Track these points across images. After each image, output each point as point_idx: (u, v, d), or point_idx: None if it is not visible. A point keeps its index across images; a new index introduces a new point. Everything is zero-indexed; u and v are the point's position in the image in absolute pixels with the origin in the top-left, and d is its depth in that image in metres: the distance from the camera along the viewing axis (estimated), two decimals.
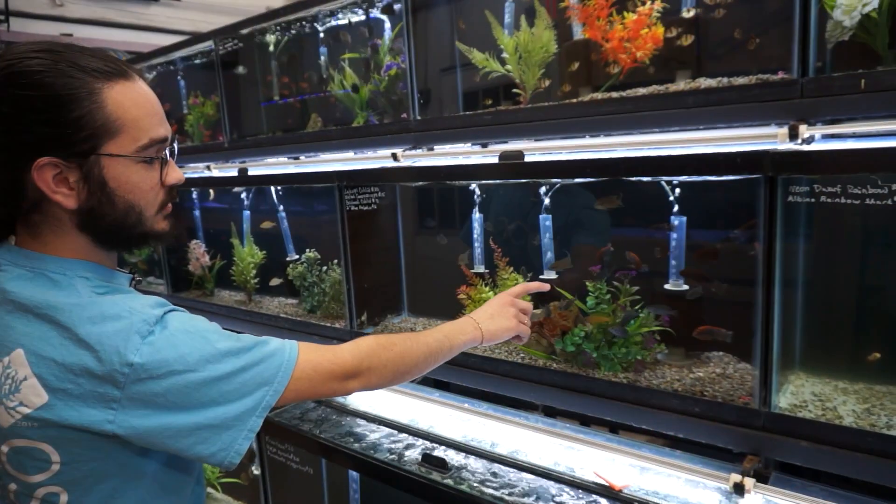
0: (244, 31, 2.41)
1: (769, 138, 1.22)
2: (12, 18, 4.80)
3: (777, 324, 1.18)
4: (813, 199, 1.15)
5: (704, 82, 1.37)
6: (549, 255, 1.68)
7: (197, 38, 2.58)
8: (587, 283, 1.50)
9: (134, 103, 0.94)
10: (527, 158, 1.50)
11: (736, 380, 1.35)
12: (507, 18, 1.79)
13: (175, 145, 1.04)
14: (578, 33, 1.66)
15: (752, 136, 1.26)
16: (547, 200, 1.66)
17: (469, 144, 1.82)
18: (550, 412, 1.78)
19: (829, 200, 1.13)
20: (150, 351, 0.88)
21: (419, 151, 1.88)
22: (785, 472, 1.25)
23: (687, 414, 1.27)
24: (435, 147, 1.88)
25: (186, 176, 2.74)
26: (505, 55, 1.73)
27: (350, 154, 2.12)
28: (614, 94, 1.49)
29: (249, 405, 0.93)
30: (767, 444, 1.20)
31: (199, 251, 2.55)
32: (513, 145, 1.69)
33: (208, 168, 2.54)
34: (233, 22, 2.41)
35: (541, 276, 1.68)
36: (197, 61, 2.79)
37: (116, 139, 0.93)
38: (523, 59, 1.69)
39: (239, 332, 1.00)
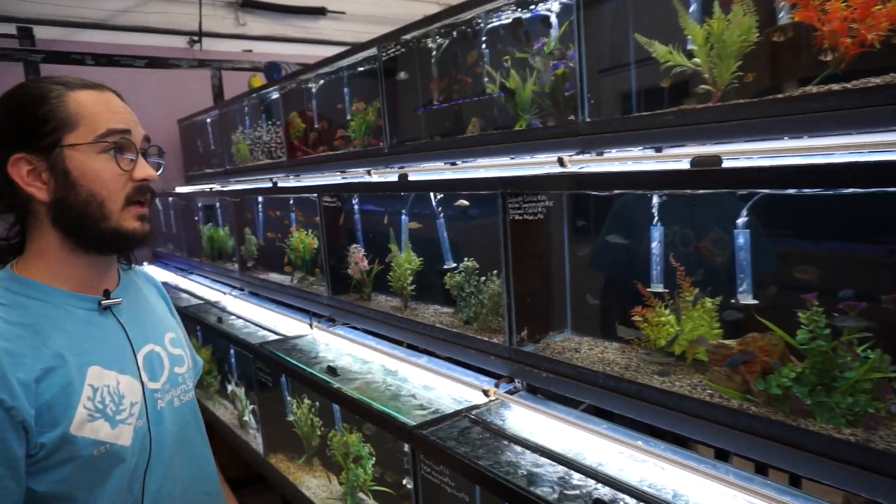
0: (406, 37, 2.40)
1: None
2: (204, 38, 5.37)
3: None
4: None
5: None
6: (743, 277, 1.45)
7: (361, 45, 2.64)
8: (800, 314, 1.25)
9: (95, 102, 1.03)
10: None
11: None
12: (693, 6, 1.58)
13: (148, 146, 1.10)
14: (784, 17, 1.42)
15: None
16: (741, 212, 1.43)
17: (640, 148, 1.63)
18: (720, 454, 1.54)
19: None
20: None
21: (587, 156, 1.73)
22: None
23: None
24: (604, 152, 1.71)
25: (347, 181, 2.84)
26: (692, 47, 1.52)
27: (506, 159, 2.02)
28: (835, 87, 1.23)
29: None
30: None
31: (358, 255, 2.60)
32: (692, 149, 1.48)
33: (368, 173, 2.58)
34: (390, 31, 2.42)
35: (733, 301, 1.46)
36: (360, 69, 2.86)
37: (76, 131, 1.01)
38: (715, 50, 1.47)
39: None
